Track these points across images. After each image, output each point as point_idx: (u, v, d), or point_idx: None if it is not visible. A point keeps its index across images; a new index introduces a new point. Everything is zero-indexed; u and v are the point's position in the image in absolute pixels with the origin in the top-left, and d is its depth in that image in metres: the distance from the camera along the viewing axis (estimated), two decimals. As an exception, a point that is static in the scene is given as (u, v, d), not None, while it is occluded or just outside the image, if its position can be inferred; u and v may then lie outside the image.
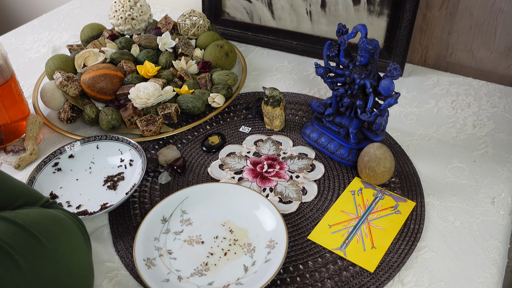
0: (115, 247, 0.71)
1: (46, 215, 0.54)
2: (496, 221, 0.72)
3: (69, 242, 0.53)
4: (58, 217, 0.55)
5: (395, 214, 0.73)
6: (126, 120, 0.89)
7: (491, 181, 0.79)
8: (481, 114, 0.93)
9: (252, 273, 0.65)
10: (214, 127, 0.92)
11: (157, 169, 0.83)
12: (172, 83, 0.95)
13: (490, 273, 0.65)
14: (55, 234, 0.52)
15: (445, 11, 1.02)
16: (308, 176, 0.81)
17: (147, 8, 1.09)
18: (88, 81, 0.90)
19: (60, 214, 0.56)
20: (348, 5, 1.03)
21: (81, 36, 1.09)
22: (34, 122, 0.89)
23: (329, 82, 0.83)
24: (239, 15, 1.17)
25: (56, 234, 0.52)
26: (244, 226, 0.71)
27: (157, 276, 0.64)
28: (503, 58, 1.02)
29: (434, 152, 0.85)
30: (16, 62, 1.16)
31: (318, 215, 0.74)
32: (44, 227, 0.51)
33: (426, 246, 0.69)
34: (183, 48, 1.02)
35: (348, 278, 0.65)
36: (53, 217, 0.54)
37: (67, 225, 0.55)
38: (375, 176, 0.76)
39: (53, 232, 0.52)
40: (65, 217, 0.56)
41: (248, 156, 0.85)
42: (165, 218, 0.73)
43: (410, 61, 1.12)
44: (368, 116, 0.77)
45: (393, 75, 0.74)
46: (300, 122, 0.92)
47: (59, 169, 0.82)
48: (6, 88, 0.85)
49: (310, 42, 1.11)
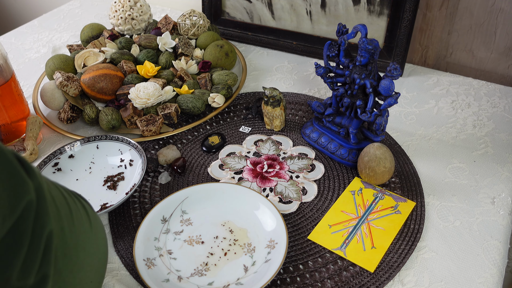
0: (115, 247, 0.71)
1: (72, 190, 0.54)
2: (496, 221, 0.72)
3: (100, 222, 0.53)
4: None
5: (395, 214, 0.73)
6: (126, 120, 0.89)
7: (491, 181, 0.79)
8: (481, 114, 0.93)
9: (252, 273, 0.65)
10: (214, 127, 0.92)
11: (157, 169, 0.83)
12: (172, 83, 0.95)
13: (490, 273, 0.65)
14: (93, 212, 0.52)
15: (445, 11, 1.02)
16: (308, 176, 0.81)
17: (147, 8, 1.09)
18: (88, 81, 0.90)
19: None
20: (348, 5, 1.03)
21: (81, 36, 1.09)
22: (34, 122, 0.89)
23: (329, 82, 0.83)
24: (239, 15, 1.17)
25: (94, 212, 0.52)
26: (244, 226, 0.71)
27: (157, 276, 0.64)
28: (503, 58, 1.02)
29: (434, 152, 0.85)
30: (16, 62, 1.16)
31: (318, 215, 0.74)
32: (78, 196, 0.51)
33: (426, 246, 0.69)
34: (183, 48, 1.02)
35: (348, 278, 0.65)
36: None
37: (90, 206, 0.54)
38: (375, 176, 0.76)
39: (84, 203, 0.51)
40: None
41: (248, 156, 0.85)
42: (165, 218, 0.73)
43: (410, 61, 1.12)
44: (368, 116, 0.77)
45: (393, 75, 0.74)
46: (300, 122, 0.92)
47: (59, 169, 0.82)
48: (6, 88, 0.85)
49: (310, 42, 1.11)
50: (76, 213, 0.45)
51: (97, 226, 0.50)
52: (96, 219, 0.50)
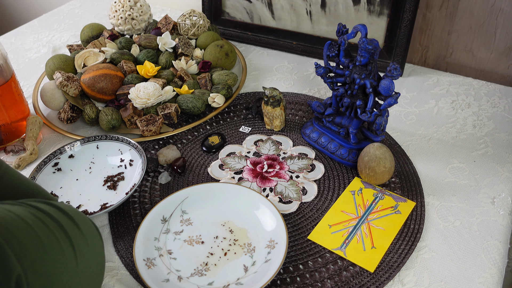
0: (115, 247, 0.71)
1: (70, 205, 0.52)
2: (496, 221, 0.72)
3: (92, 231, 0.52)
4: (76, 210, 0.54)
5: (395, 214, 0.73)
6: (126, 120, 0.89)
7: (491, 181, 0.79)
8: (481, 114, 0.93)
9: (252, 273, 0.65)
10: (214, 127, 0.92)
11: (157, 169, 0.83)
12: (172, 83, 0.95)
13: (490, 273, 0.65)
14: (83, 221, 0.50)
15: (445, 11, 1.02)
16: (308, 176, 0.81)
17: (147, 8, 1.09)
18: (88, 81, 0.90)
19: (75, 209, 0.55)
20: (348, 5, 1.03)
21: (81, 36, 1.09)
22: (34, 122, 0.89)
23: (329, 82, 0.83)
24: (239, 15, 1.17)
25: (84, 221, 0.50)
26: (244, 226, 0.71)
27: (157, 276, 0.64)
28: (503, 58, 1.02)
29: (434, 152, 0.85)
30: (16, 62, 1.16)
31: (318, 215, 0.74)
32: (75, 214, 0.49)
33: (426, 246, 0.69)
34: (183, 48, 1.02)
35: (348, 278, 0.65)
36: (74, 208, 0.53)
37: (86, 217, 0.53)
38: (375, 176, 0.76)
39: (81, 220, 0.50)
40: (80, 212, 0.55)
41: (248, 156, 0.85)
42: (165, 218, 0.73)
43: (410, 61, 1.12)
44: (368, 116, 0.77)
45: (393, 75, 0.74)
46: (300, 122, 0.92)
47: (59, 169, 0.82)
48: (6, 88, 0.85)
49: (310, 42, 1.11)
50: (48, 237, 0.43)
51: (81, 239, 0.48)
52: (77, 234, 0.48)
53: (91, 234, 0.51)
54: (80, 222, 0.49)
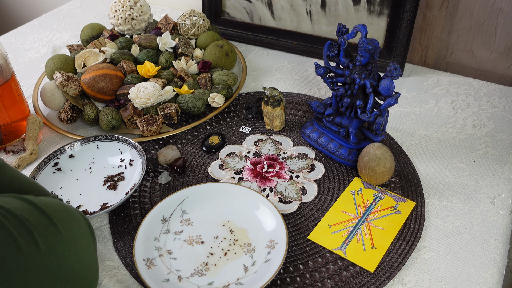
0: (115, 247, 0.71)
1: (57, 202, 0.52)
2: (496, 221, 0.72)
3: (78, 229, 0.51)
4: (67, 206, 0.53)
5: (395, 214, 0.73)
6: (126, 120, 0.89)
7: (491, 181, 0.79)
8: (481, 114, 0.93)
9: (252, 273, 0.65)
10: (214, 127, 0.92)
11: (157, 169, 0.83)
12: (172, 83, 0.95)
13: (490, 273, 0.65)
14: (66, 219, 0.50)
15: (445, 11, 1.02)
16: (308, 176, 0.81)
17: (147, 8, 1.09)
18: (88, 81, 0.90)
19: (68, 205, 0.55)
20: (348, 5, 1.03)
21: (81, 36, 1.09)
22: (34, 122, 0.89)
23: (329, 82, 0.83)
24: (239, 15, 1.17)
25: (67, 219, 0.50)
26: (244, 226, 0.71)
27: (157, 276, 0.64)
28: (503, 58, 1.02)
29: (434, 152, 0.85)
30: (16, 62, 1.16)
31: (318, 215, 0.74)
32: (56, 210, 0.49)
33: (426, 246, 0.69)
34: (183, 48, 1.02)
35: (348, 278, 0.65)
36: (63, 204, 0.53)
37: (76, 215, 0.53)
38: (375, 176, 0.76)
39: (64, 217, 0.49)
40: (73, 208, 0.55)
41: (248, 156, 0.85)
42: (165, 218, 0.73)
43: (410, 61, 1.12)
44: (368, 116, 0.77)
45: (393, 75, 0.74)
46: (300, 122, 0.92)
47: (59, 169, 0.82)
48: (6, 88, 0.85)
49: (310, 42, 1.11)
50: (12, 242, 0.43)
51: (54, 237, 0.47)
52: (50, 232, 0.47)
53: (76, 232, 0.50)
54: (60, 220, 0.48)
